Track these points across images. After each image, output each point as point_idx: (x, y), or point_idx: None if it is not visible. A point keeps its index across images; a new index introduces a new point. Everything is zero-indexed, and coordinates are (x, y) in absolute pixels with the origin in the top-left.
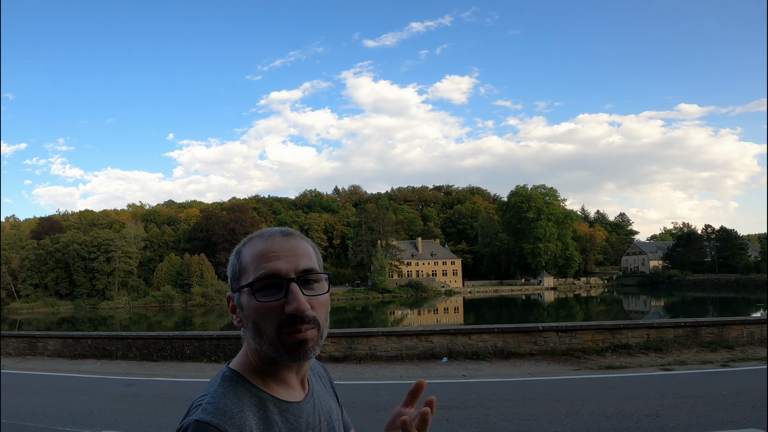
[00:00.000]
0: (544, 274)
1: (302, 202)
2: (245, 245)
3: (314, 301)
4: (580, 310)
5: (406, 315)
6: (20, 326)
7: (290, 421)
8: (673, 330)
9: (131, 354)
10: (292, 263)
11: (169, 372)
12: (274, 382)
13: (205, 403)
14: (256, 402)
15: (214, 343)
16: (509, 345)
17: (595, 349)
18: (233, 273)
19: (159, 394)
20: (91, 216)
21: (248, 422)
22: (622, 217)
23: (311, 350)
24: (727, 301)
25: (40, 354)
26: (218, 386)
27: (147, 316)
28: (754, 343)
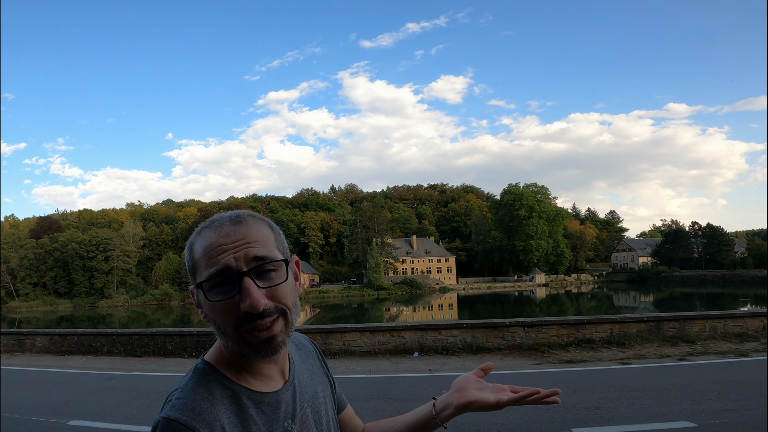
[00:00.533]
0: (536, 271)
1: (299, 200)
2: (197, 237)
3: (273, 292)
4: (571, 306)
5: (402, 312)
6: (19, 324)
7: (266, 412)
8: (635, 325)
9: (116, 350)
10: (242, 253)
11: (150, 367)
12: (249, 374)
13: (175, 399)
14: (228, 395)
15: (194, 339)
16: (478, 340)
17: (560, 344)
18: (189, 268)
19: (135, 387)
20: (89, 215)
21: (219, 417)
22: (612, 215)
23: (280, 345)
24: (714, 297)
25: (28, 350)
26: (189, 380)
27: (145, 314)
28: (716, 338)
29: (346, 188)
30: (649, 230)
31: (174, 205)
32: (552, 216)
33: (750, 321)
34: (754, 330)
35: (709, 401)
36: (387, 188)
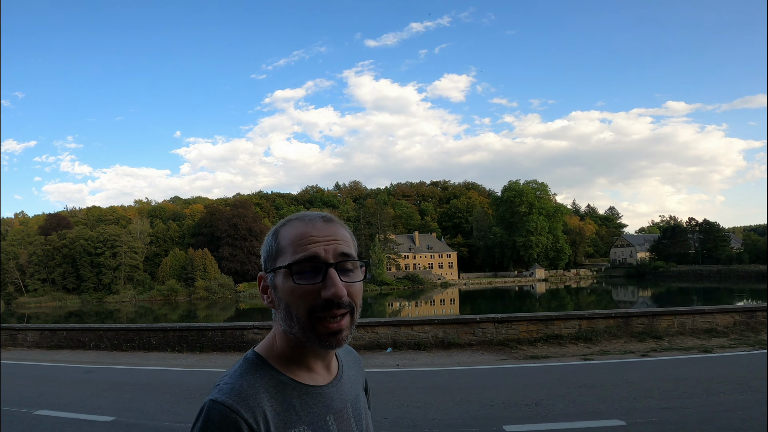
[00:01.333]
0: (535, 266)
1: (304, 197)
2: (283, 226)
3: (350, 287)
4: (570, 300)
5: (404, 306)
6: (28, 320)
7: (309, 404)
8: (604, 321)
9: (102, 344)
10: (332, 248)
11: (133, 361)
12: (297, 367)
13: (223, 384)
14: (274, 384)
15: (177, 334)
16: (449, 335)
17: (529, 340)
18: (269, 253)
19: (112, 380)
20: (98, 212)
21: (262, 404)
22: (611, 211)
23: (344, 339)
24: (710, 291)
25: (20, 345)
26: (238, 368)
27: (152, 310)
28: (684, 333)
29: (351, 185)
30: (648, 226)
31: (181, 202)
32: (551, 212)
33: (719, 317)
34: (723, 326)
35: (650, 399)
36: (390, 185)
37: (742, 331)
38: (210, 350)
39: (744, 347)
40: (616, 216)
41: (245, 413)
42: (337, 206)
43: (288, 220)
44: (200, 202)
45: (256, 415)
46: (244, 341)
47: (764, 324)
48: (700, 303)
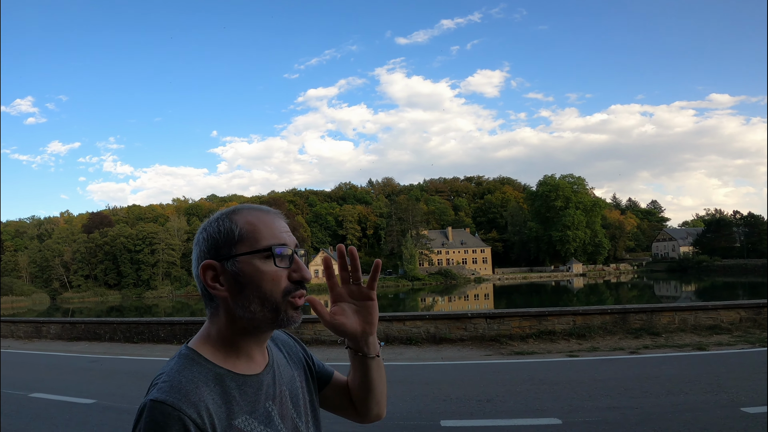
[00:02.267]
0: (573, 261)
1: (337, 194)
2: (238, 214)
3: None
4: (609, 295)
5: (437, 301)
6: (72, 314)
7: (249, 393)
8: (600, 317)
9: (116, 337)
10: (292, 237)
11: (140, 352)
12: (236, 356)
13: (161, 382)
14: (212, 377)
15: (183, 327)
16: (441, 331)
17: (521, 335)
18: (226, 238)
19: (112, 369)
20: (138, 210)
21: (203, 398)
22: (654, 205)
23: (299, 316)
24: (755, 286)
25: (44, 337)
26: (174, 364)
27: (189, 304)
28: (685, 330)
29: (384, 181)
30: (692, 220)
31: (217, 200)
32: (589, 206)
33: (724, 313)
34: (728, 322)
35: (604, 397)
36: (423, 181)
37: (748, 327)
38: None
39: (744, 344)
40: (658, 210)
41: (188, 409)
42: (370, 202)
43: (242, 207)
44: (235, 200)
45: (199, 409)
46: None
47: None
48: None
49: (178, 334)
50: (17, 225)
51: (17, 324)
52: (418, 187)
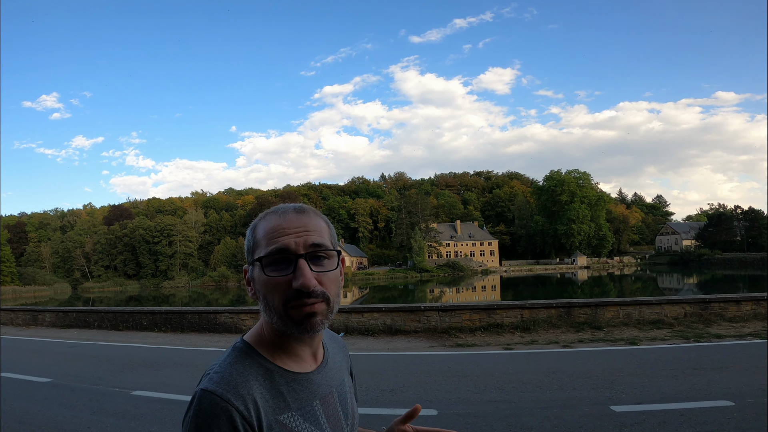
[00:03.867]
0: (577, 254)
1: (350, 188)
2: (260, 220)
3: (323, 276)
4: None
5: (444, 292)
6: (93, 303)
7: (297, 391)
8: (545, 311)
9: (104, 325)
10: (302, 239)
11: (119, 338)
12: (285, 354)
13: (213, 373)
14: (262, 372)
15: (162, 316)
16: (397, 322)
17: (471, 328)
18: (248, 246)
19: (86, 353)
20: (157, 203)
21: (252, 392)
22: (659, 199)
23: (319, 324)
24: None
25: (40, 324)
26: (227, 356)
27: (204, 295)
28: (628, 324)
29: (396, 176)
30: (696, 214)
31: (234, 193)
32: (594, 201)
33: (668, 308)
34: (672, 317)
35: (492, 391)
36: (435, 175)
37: (692, 322)
38: (189, 331)
39: (678, 340)
40: (663, 204)
41: (236, 401)
42: (382, 196)
43: (265, 213)
44: (252, 194)
45: (246, 402)
46: (217, 323)
47: (718, 315)
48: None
49: (159, 323)
50: (41, 217)
51: (16, 312)
52: (429, 182)
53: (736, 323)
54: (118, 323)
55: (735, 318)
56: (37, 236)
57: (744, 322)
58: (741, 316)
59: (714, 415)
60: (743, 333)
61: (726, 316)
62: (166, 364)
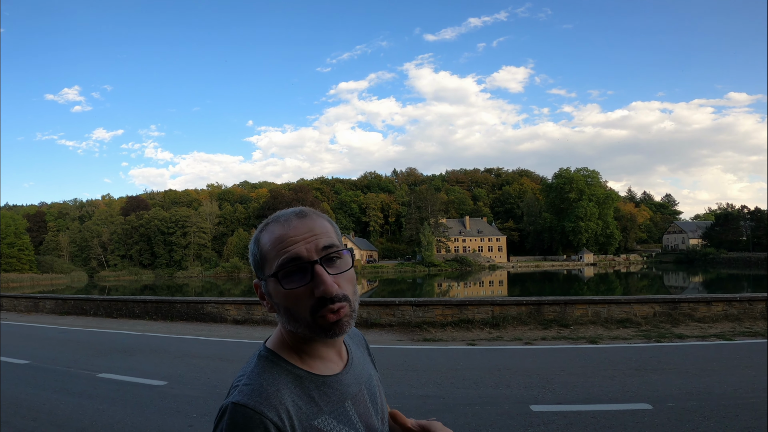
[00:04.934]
0: (584, 251)
1: (362, 183)
2: (262, 231)
3: (340, 278)
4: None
5: (452, 287)
6: (108, 292)
7: (328, 394)
8: (516, 307)
9: (99, 312)
10: (312, 244)
11: (111, 326)
12: (311, 358)
13: (242, 385)
14: (292, 380)
15: (153, 305)
16: (372, 316)
17: (442, 323)
18: (255, 262)
19: (72, 338)
20: (173, 195)
21: (284, 401)
22: (667, 198)
23: (346, 326)
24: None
25: (40, 311)
26: (254, 366)
27: (217, 285)
28: (596, 323)
29: (407, 171)
30: (704, 213)
31: (249, 186)
32: (602, 199)
33: (637, 307)
34: (641, 316)
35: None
36: (446, 171)
37: (660, 322)
38: (178, 319)
39: (640, 339)
40: (671, 203)
41: (269, 413)
42: (393, 191)
43: (265, 224)
44: (266, 187)
45: (279, 412)
46: (204, 313)
47: (687, 316)
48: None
49: (150, 311)
50: (60, 207)
51: (18, 299)
52: (440, 178)
53: (705, 324)
54: (112, 311)
55: (704, 318)
56: (56, 226)
57: (713, 322)
58: (711, 317)
59: (624, 418)
60: (707, 334)
61: (695, 316)
62: (142, 350)
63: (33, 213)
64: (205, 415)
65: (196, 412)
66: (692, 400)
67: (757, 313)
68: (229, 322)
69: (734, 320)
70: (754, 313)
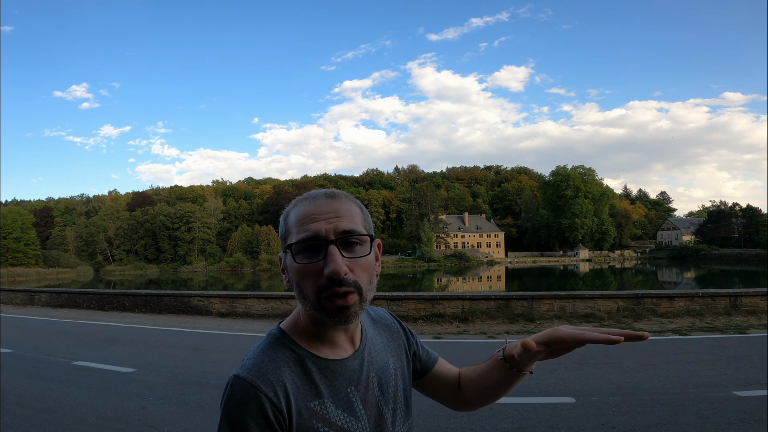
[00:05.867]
0: (580, 247)
1: (365, 179)
2: (293, 207)
3: (354, 264)
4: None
5: (452, 281)
6: (114, 286)
7: (329, 377)
8: (485, 302)
9: (92, 305)
10: (332, 225)
11: (100, 318)
12: (320, 342)
13: (246, 359)
14: (294, 359)
15: (143, 298)
16: None
17: (415, 317)
18: (281, 234)
19: (60, 330)
20: (179, 191)
21: (282, 378)
22: (662, 195)
23: (353, 316)
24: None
25: (36, 304)
26: (262, 343)
27: (221, 279)
28: (561, 317)
29: (409, 168)
30: (698, 210)
31: (253, 182)
32: (597, 196)
33: (601, 302)
34: (605, 311)
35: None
36: (446, 169)
37: (622, 317)
38: (166, 312)
39: None
40: (666, 200)
41: (265, 388)
42: (395, 188)
43: (298, 200)
44: (270, 183)
45: (276, 389)
46: (190, 306)
47: (650, 311)
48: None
49: (139, 304)
50: (67, 202)
51: (15, 292)
52: (441, 175)
53: (666, 319)
54: (104, 304)
55: (666, 314)
56: (62, 221)
57: (674, 318)
58: (673, 312)
59: (544, 411)
60: (665, 329)
61: (658, 311)
62: (123, 340)
63: (40, 208)
64: (161, 398)
65: (153, 396)
66: (618, 394)
67: (720, 308)
68: (214, 315)
69: (696, 315)
70: (717, 309)
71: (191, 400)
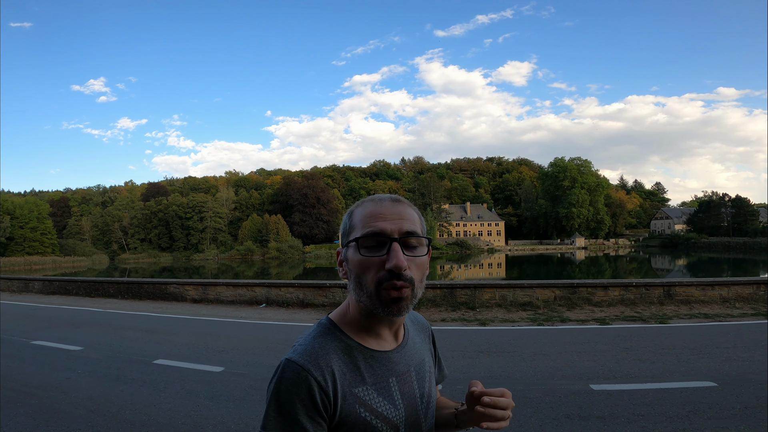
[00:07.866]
0: (576, 235)
1: (372, 170)
2: (357, 207)
3: (412, 262)
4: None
5: (453, 269)
6: (129, 274)
7: (374, 367)
8: (431, 290)
9: (80, 292)
10: (397, 225)
11: (84, 303)
12: (366, 333)
13: (298, 345)
14: (342, 347)
15: (125, 286)
16: (308, 297)
17: None
18: (344, 230)
19: (40, 315)
20: (192, 182)
21: (330, 364)
22: (657, 186)
23: (405, 308)
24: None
25: (30, 291)
26: (312, 331)
27: (232, 267)
28: (502, 305)
29: (414, 159)
30: (691, 200)
31: (265, 173)
32: (593, 186)
33: (539, 291)
34: (542, 300)
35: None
36: (450, 160)
37: (558, 305)
38: (146, 298)
39: (525, 323)
40: (660, 191)
41: (315, 372)
42: (401, 179)
43: (362, 201)
44: (280, 174)
45: (324, 373)
46: (167, 293)
47: (585, 300)
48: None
49: (123, 291)
50: (84, 193)
51: (11, 280)
52: (445, 166)
53: (599, 308)
54: (91, 291)
55: (601, 303)
56: (79, 210)
57: (607, 307)
58: (607, 301)
59: None
60: (591, 318)
61: (593, 300)
62: (91, 323)
63: (58, 198)
64: (89, 372)
65: (83, 369)
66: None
67: (654, 298)
68: (188, 301)
69: (629, 305)
70: (651, 298)
71: (113, 374)
